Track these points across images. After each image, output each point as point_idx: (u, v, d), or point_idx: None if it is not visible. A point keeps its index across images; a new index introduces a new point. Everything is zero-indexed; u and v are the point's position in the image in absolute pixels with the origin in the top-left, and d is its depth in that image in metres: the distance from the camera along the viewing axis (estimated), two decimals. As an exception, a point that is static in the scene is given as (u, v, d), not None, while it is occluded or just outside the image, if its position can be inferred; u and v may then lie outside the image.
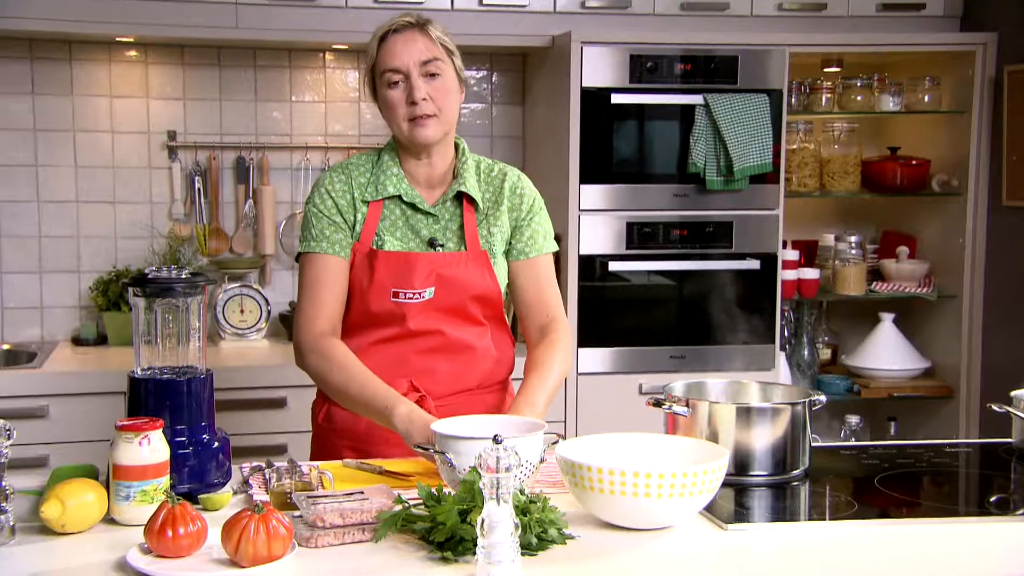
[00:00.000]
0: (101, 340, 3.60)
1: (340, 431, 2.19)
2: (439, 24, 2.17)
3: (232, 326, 3.61)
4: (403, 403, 1.99)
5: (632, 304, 3.51)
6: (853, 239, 3.84)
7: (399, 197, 2.16)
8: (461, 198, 2.18)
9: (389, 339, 2.15)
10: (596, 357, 3.43)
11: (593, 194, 3.41)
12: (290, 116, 3.80)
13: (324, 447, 2.22)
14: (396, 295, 2.12)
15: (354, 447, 2.15)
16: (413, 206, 2.16)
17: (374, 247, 2.14)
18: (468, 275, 2.14)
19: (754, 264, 3.52)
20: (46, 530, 1.62)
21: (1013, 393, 2.14)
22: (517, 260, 2.22)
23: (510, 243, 2.22)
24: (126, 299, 3.49)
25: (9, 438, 1.60)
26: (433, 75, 2.11)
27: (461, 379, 2.17)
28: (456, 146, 2.22)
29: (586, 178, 3.41)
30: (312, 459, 2.20)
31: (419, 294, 2.12)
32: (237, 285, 3.64)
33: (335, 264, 2.15)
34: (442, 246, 2.15)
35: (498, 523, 1.41)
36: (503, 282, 2.20)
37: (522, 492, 1.60)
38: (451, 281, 2.13)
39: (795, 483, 1.92)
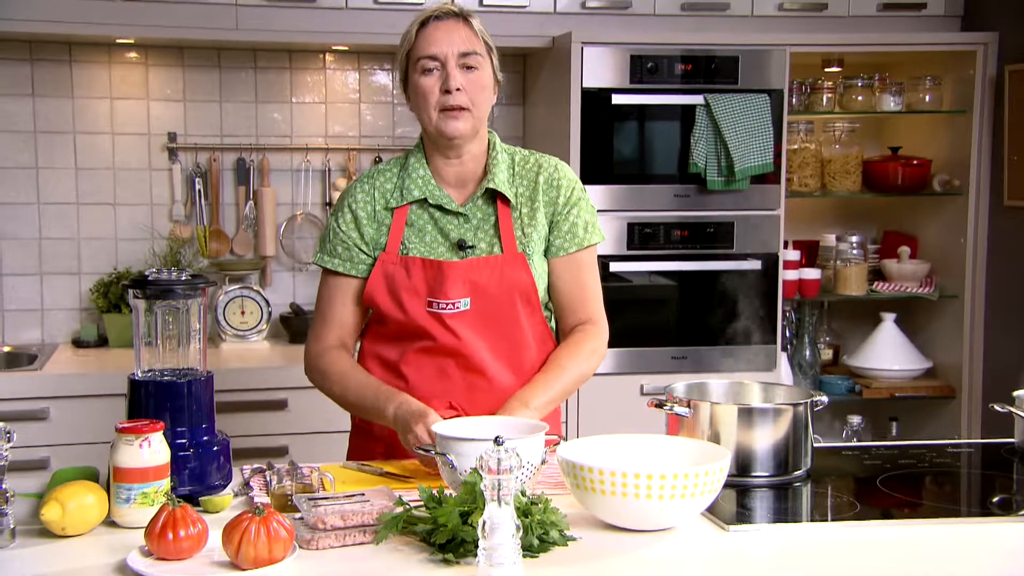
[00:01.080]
0: (102, 342, 3.60)
1: (376, 434, 2.14)
2: (480, 19, 2.11)
3: (233, 328, 3.61)
4: (391, 405, 1.98)
5: (633, 305, 3.51)
6: (854, 239, 3.84)
7: (425, 200, 2.09)
8: (494, 196, 2.10)
9: (429, 350, 2.08)
10: (597, 358, 3.43)
11: (594, 195, 3.36)
12: (290, 117, 3.80)
13: (359, 448, 2.19)
14: (431, 305, 2.05)
15: (388, 452, 2.11)
16: (441, 208, 2.09)
17: (401, 254, 2.08)
18: (504, 281, 2.06)
19: (755, 264, 3.52)
20: (46, 533, 1.62)
21: (1015, 393, 2.14)
22: (556, 257, 2.11)
23: (548, 239, 2.11)
24: (127, 301, 3.49)
25: (9, 440, 1.60)
26: (470, 68, 2.04)
27: (501, 399, 2.06)
28: (488, 141, 2.13)
29: (587, 179, 3.40)
30: (348, 459, 2.18)
31: (453, 304, 2.04)
32: (238, 287, 3.64)
33: (345, 283, 2.12)
34: (472, 247, 2.07)
35: (499, 525, 1.41)
36: (543, 284, 2.12)
37: (523, 494, 1.60)
38: (486, 290, 2.05)
39: (797, 484, 1.92)
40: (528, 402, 1.99)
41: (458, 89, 2.02)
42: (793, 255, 3.73)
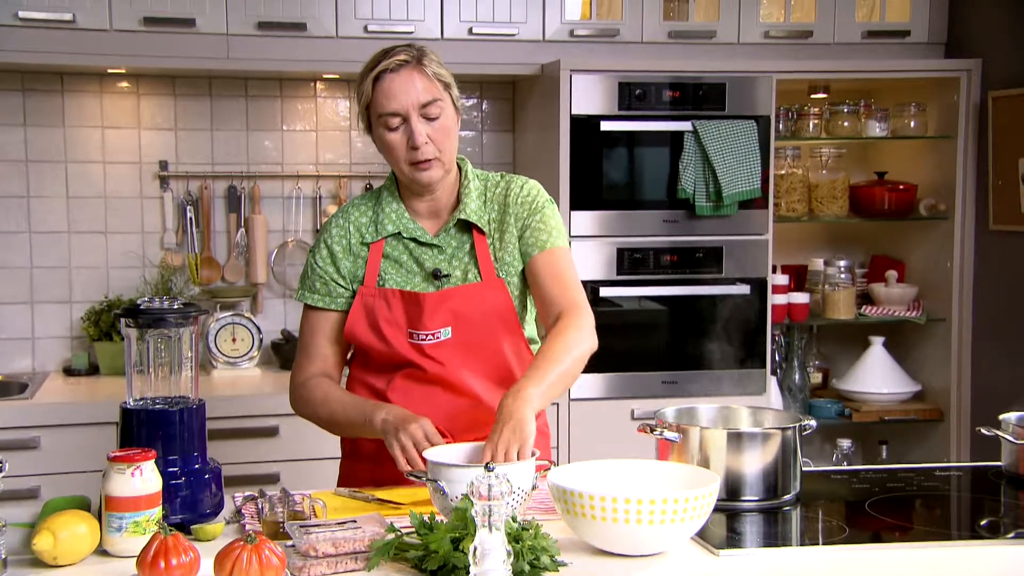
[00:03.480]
0: (93, 370, 3.60)
1: (364, 454, 2.15)
2: (433, 54, 2.07)
3: (224, 355, 3.61)
4: (379, 412, 1.99)
5: (623, 329, 3.52)
6: (842, 263, 3.86)
7: (399, 233, 2.12)
8: (468, 223, 2.11)
9: (416, 377, 2.10)
10: (588, 383, 3.44)
11: (583, 220, 3.43)
12: (281, 145, 3.81)
13: (349, 475, 2.19)
14: (412, 336, 2.08)
15: (377, 480, 2.11)
16: (415, 240, 2.12)
17: (379, 286, 2.10)
18: (486, 306, 2.08)
19: (744, 289, 3.54)
20: (38, 563, 1.62)
21: (1002, 416, 2.16)
22: (529, 257, 2.11)
23: (519, 247, 2.12)
24: (118, 329, 3.49)
25: (1, 470, 1.60)
26: (432, 117, 2.03)
27: (487, 423, 2.01)
28: (460, 169, 2.15)
29: (576, 204, 3.42)
30: (339, 483, 2.18)
31: (434, 335, 2.07)
32: (229, 314, 3.64)
33: (324, 318, 2.14)
34: (447, 276, 2.10)
35: (490, 551, 1.41)
36: (522, 307, 2.13)
37: (514, 519, 1.60)
38: (470, 318, 2.07)
39: (787, 508, 1.93)
40: (524, 393, 1.86)
41: (425, 143, 2.02)
42: (782, 279, 3.75)
